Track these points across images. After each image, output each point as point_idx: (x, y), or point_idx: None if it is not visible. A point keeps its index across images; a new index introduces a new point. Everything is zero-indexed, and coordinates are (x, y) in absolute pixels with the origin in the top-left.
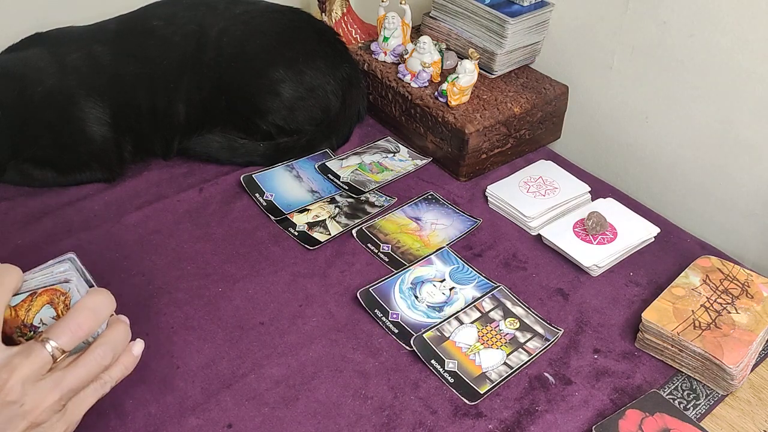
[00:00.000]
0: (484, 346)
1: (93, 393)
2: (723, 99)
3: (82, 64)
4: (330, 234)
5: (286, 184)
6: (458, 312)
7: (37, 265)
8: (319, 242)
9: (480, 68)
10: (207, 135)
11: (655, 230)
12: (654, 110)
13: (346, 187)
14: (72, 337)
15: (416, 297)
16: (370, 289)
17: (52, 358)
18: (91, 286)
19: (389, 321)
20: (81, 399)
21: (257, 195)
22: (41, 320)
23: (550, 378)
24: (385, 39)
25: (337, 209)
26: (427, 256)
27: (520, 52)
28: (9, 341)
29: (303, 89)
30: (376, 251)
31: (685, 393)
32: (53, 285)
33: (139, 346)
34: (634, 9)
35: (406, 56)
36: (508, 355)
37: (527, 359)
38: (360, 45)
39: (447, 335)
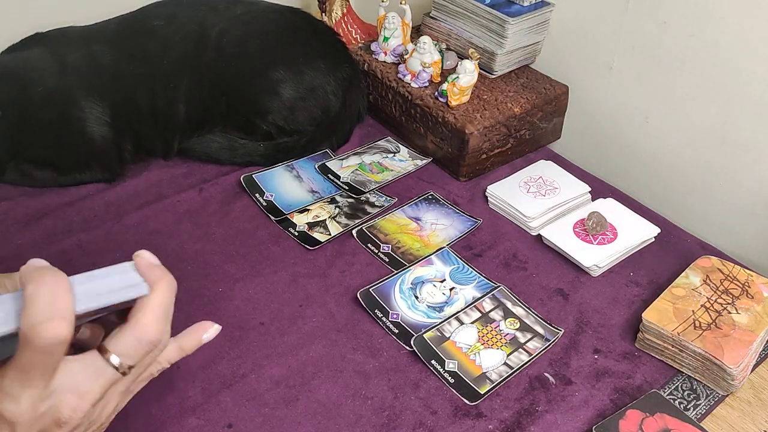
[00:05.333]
0: (485, 346)
1: (146, 380)
2: (723, 99)
3: (82, 64)
4: (330, 234)
5: (287, 184)
6: (458, 312)
7: None
8: (319, 242)
9: (480, 68)
10: (207, 135)
11: (655, 230)
12: (654, 110)
13: (346, 188)
14: (143, 353)
15: (416, 297)
16: (371, 290)
17: (121, 375)
18: None
19: (389, 321)
20: (131, 392)
21: (257, 195)
22: None
23: (551, 378)
24: (385, 39)
25: (337, 209)
26: (428, 256)
27: (520, 52)
28: None
29: (303, 89)
30: (377, 251)
31: (686, 393)
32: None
33: (210, 333)
34: (634, 9)
35: (406, 56)
36: (508, 355)
37: (527, 359)
38: (360, 45)
39: (447, 335)
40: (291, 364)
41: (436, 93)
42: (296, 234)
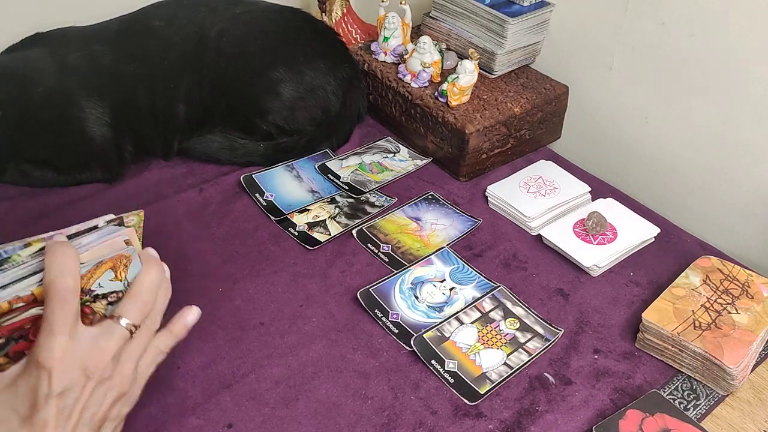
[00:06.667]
0: (485, 346)
1: (153, 361)
2: (723, 99)
3: (82, 65)
4: (330, 234)
5: (286, 184)
6: (458, 312)
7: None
8: (319, 242)
9: (480, 68)
10: (207, 135)
11: (655, 230)
12: (654, 110)
13: (346, 188)
14: (141, 314)
15: (416, 297)
16: (371, 290)
17: (129, 333)
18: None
19: (389, 321)
20: (144, 367)
21: (257, 195)
22: (99, 284)
23: (551, 378)
24: (385, 39)
25: (337, 209)
26: (427, 256)
27: (520, 52)
28: None
29: (303, 89)
30: (376, 251)
31: (686, 393)
32: (118, 253)
33: (193, 315)
34: (634, 9)
35: (406, 56)
36: (508, 355)
37: (527, 359)
38: (360, 45)
39: (447, 335)
40: (291, 364)
41: (436, 93)
42: (296, 234)
